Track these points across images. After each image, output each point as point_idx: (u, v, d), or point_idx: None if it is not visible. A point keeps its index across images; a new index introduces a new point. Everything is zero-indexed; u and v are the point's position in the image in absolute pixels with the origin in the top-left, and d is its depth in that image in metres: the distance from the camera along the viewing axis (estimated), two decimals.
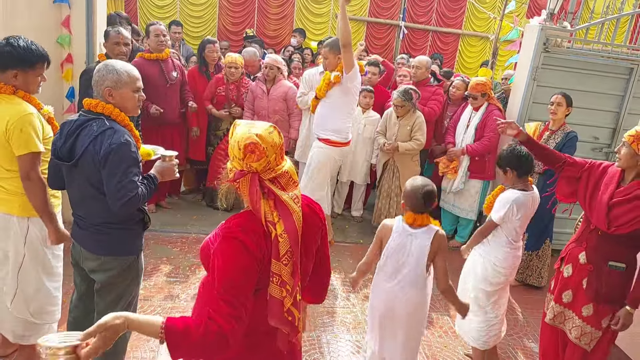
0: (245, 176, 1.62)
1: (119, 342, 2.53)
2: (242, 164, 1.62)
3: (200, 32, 10.35)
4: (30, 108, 2.54)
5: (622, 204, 2.64)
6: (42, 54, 2.59)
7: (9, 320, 2.78)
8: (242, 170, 1.62)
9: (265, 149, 1.61)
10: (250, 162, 1.60)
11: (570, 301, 2.88)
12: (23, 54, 2.50)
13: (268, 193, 1.63)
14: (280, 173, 1.66)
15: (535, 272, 4.67)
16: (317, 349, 3.46)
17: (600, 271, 2.75)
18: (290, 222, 1.62)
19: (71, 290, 3.69)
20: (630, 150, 2.63)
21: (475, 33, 11.80)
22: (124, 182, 2.20)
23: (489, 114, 4.99)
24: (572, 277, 2.88)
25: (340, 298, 4.15)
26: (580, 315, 2.82)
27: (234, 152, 1.64)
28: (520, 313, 4.28)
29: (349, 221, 5.90)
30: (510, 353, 3.69)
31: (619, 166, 2.73)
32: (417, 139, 5.10)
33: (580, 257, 2.84)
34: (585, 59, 5.17)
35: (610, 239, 2.71)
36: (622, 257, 2.71)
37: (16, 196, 2.57)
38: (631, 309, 2.66)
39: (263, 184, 1.64)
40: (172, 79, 5.11)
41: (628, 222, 2.59)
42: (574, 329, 2.84)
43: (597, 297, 2.74)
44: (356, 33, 11.29)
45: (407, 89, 5.08)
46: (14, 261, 2.67)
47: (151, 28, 5.11)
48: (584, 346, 2.80)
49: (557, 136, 4.39)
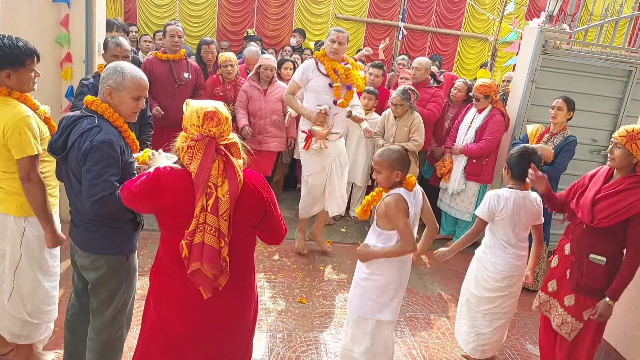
0: (204, 139, 1.88)
1: (115, 342, 2.54)
2: (201, 130, 1.89)
3: (200, 32, 10.35)
4: (26, 110, 2.52)
5: (606, 198, 2.74)
6: (29, 50, 2.53)
7: (5, 320, 2.78)
8: (202, 134, 1.88)
9: (220, 118, 1.90)
10: (209, 127, 1.89)
11: (555, 290, 3.01)
12: (10, 52, 2.45)
13: (223, 156, 1.90)
14: (231, 142, 1.95)
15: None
16: (315, 349, 3.46)
17: (581, 263, 2.85)
18: (234, 185, 1.89)
19: (69, 289, 3.70)
20: (624, 151, 2.70)
21: (475, 34, 11.82)
22: (97, 181, 2.17)
23: (491, 118, 4.99)
24: (558, 267, 3.01)
25: (338, 299, 4.15)
26: (562, 305, 2.94)
27: (192, 120, 1.90)
28: (518, 315, 4.28)
29: (347, 222, 5.90)
30: (507, 354, 3.69)
31: (613, 166, 2.80)
32: (414, 139, 5.09)
33: (566, 248, 2.97)
34: (584, 61, 5.17)
35: (592, 233, 2.80)
36: (602, 251, 2.79)
37: (14, 196, 2.57)
38: (610, 301, 2.74)
39: (219, 147, 1.90)
40: (182, 79, 5.09)
41: (609, 215, 2.68)
42: (557, 317, 2.97)
43: (578, 287, 2.86)
44: (356, 34, 11.30)
45: (406, 89, 5.07)
46: (10, 261, 2.67)
47: (168, 28, 5.10)
48: (564, 335, 2.92)
49: (557, 139, 4.38)
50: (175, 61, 5.07)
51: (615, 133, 2.77)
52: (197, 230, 1.89)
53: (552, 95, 4.52)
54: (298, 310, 3.91)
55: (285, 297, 4.05)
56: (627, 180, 2.72)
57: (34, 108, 2.61)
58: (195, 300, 2.01)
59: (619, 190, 2.72)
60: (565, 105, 4.31)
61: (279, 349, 3.41)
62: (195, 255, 1.89)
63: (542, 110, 4.88)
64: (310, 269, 4.61)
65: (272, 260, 4.68)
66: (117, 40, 3.76)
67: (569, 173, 4.63)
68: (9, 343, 2.89)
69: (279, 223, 2.15)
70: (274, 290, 4.14)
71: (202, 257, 1.88)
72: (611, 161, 2.78)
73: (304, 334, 3.61)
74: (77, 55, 4.48)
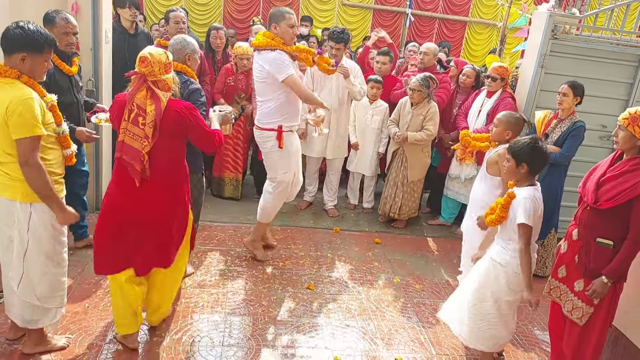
0: (136, 74, 2.75)
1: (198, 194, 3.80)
2: (137, 69, 2.72)
3: (206, 20, 10.32)
4: (32, 93, 2.54)
5: (610, 180, 2.77)
6: (51, 39, 2.62)
7: (17, 305, 2.81)
8: (135, 72, 2.74)
9: (151, 61, 2.69)
10: (140, 68, 2.71)
11: (565, 276, 3.01)
12: (32, 36, 2.52)
13: (148, 88, 2.72)
14: (160, 79, 2.74)
15: (540, 261, 4.65)
16: (322, 335, 3.48)
17: (589, 247, 2.85)
18: (157, 106, 2.71)
19: (78, 276, 3.75)
20: (627, 133, 2.73)
21: (482, 20, 11.70)
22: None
23: (502, 101, 4.95)
24: (567, 252, 3.01)
25: (346, 285, 4.17)
26: (572, 290, 2.94)
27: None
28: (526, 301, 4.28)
29: (359, 213, 5.88)
30: (515, 340, 3.70)
31: (617, 149, 2.84)
32: (427, 129, 5.06)
33: (574, 233, 2.96)
34: (593, 46, 5.11)
35: (598, 216, 2.81)
36: (609, 234, 2.78)
37: (19, 182, 2.58)
38: (606, 279, 2.76)
39: (147, 82, 2.72)
40: None
41: (613, 197, 2.71)
42: (567, 302, 2.98)
43: (586, 272, 2.86)
44: (362, 20, 11.22)
45: (427, 76, 5.03)
46: (18, 247, 2.69)
47: (171, 15, 5.11)
48: (575, 320, 2.92)
49: (564, 125, 4.33)
50: None
51: (620, 116, 2.79)
52: (120, 132, 2.78)
53: (561, 81, 4.46)
54: (306, 296, 3.93)
55: (293, 284, 4.07)
56: (630, 162, 2.75)
57: (41, 94, 2.63)
58: (131, 183, 2.80)
59: (623, 172, 2.74)
60: (571, 91, 4.24)
61: (288, 334, 3.43)
62: (118, 148, 2.79)
63: (552, 95, 4.82)
64: (317, 256, 4.63)
65: (280, 247, 4.70)
66: (65, 15, 3.60)
67: (578, 159, 4.59)
68: (21, 328, 2.93)
69: (204, 135, 2.94)
70: (282, 277, 4.17)
71: (122, 151, 2.76)
72: (616, 144, 2.82)
73: (312, 320, 3.63)
74: (85, 43, 4.48)
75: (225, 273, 4.14)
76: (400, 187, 5.34)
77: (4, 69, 2.54)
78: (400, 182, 5.33)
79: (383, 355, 3.35)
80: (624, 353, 3.23)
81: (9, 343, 3.01)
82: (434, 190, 6.05)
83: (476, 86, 5.51)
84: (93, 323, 3.30)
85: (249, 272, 4.19)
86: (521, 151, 2.94)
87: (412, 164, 5.25)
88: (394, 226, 5.53)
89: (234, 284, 4.00)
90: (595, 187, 2.80)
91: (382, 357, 3.33)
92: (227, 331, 3.40)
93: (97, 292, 3.65)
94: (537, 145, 2.94)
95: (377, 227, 5.49)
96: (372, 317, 3.76)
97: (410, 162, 5.25)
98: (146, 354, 3.10)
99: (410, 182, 5.31)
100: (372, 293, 4.11)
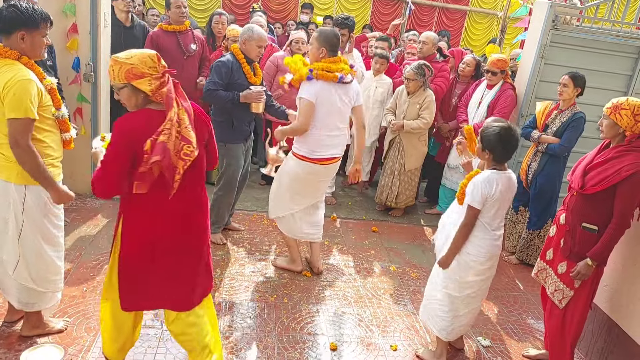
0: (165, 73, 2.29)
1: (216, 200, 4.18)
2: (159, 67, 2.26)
3: (206, 6, 10.26)
4: (30, 74, 2.53)
5: (597, 166, 2.92)
6: (44, 14, 2.62)
7: (13, 287, 2.82)
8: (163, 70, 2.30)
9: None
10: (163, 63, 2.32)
11: (551, 258, 3.17)
12: (27, 14, 2.52)
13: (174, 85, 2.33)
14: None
15: (536, 251, 4.66)
16: (318, 322, 3.50)
17: (574, 231, 2.99)
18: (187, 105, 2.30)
19: (76, 261, 3.76)
20: (610, 121, 2.91)
21: (482, 10, 11.66)
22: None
23: (503, 93, 4.95)
24: (554, 236, 3.16)
25: (343, 273, 4.19)
26: (556, 272, 3.11)
27: (148, 63, 2.22)
28: (520, 290, 4.31)
29: (352, 198, 5.90)
30: (509, 328, 3.73)
31: (604, 137, 3.00)
32: (423, 117, 5.06)
33: (561, 218, 3.12)
34: (594, 37, 5.10)
35: (584, 201, 2.94)
36: (594, 219, 2.91)
37: (14, 163, 2.57)
38: (590, 261, 2.87)
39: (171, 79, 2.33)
40: (190, 51, 5.15)
41: (598, 182, 2.85)
42: (551, 284, 3.15)
43: (570, 255, 3.00)
44: (362, 9, 11.17)
45: (421, 64, 5.02)
46: (13, 228, 2.69)
47: (172, 0, 5.10)
48: (556, 302, 3.08)
49: (564, 115, 4.34)
50: (181, 33, 5.12)
51: (604, 106, 2.97)
52: (163, 132, 2.16)
53: (561, 72, 4.46)
54: (303, 283, 3.95)
55: (289, 271, 4.09)
56: (615, 149, 2.91)
57: (40, 77, 2.62)
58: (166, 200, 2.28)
59: (608, 159, 2.89)
60: (571, 82, 4.25)
61: (284, 320, 3.46)
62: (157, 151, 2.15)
63: (552, 86, 4.82)
64: None
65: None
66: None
67: (578, 150, 4.59)
68: (18, 311, 2.94)
69: (216, 148, 2.63)
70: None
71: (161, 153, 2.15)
72: (602, 133, 2.98)
73: (309, 306, 3.65)
74: (83, 26, 4.46)
75: (222, 258, 4.16)
76: (397, 176, 5.35)
77: (3, 50, 2.53)
78: (397, 170, 5.34)
79: (379, 342, 3.38)
80: (617, 342, 3.27)
81: (7, 325, 3.02)
82: (432, 180, 6.07)
83: (476, 76, 5.50)
84: (91, 307, 3.31)
85: (246, 259, 4.21)
86: (487, 138, 2.89)
87: (409, 152, 5.26)
88: (391, 215, 5.55)
89: (230, 269, 4.01)
90: (582, 173, 2.96)
91: (378, 344, 3.36)
92: (223, 316, 3.42)
93: (95, 276, 3.66)
94: (503, 134, 2.85)
95: (374, 216, 5.51)
96: (368, 305, 3.79)
97: (407, 150, 5.25)
98: (144, 336, 3.11)
99: (407, 170, 5.32)
100: (369, 281, 4.13)
